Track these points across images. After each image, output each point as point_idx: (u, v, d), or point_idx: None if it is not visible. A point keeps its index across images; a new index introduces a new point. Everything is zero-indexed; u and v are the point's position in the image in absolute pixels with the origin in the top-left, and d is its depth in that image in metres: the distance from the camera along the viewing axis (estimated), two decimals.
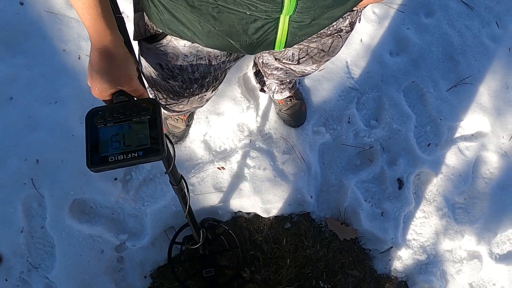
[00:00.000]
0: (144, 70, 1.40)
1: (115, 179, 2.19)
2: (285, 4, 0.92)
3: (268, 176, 2.23)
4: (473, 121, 2.51)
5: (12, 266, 2.02)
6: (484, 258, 2.36)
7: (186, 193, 1.50)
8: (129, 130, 0.93)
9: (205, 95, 1.57)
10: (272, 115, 2.31)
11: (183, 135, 2.23)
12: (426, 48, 2.61)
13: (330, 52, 1.44)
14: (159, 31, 1.16)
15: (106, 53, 0.99)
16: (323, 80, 2.40)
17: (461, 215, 2.40)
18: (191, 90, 1.41)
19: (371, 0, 1.15)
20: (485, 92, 2.60)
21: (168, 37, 1.16)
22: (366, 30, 2.59)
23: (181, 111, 1.69)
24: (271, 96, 2.19)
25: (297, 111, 2.27)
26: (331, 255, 2.30)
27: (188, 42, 1.16)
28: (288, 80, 2.02)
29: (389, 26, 2.61)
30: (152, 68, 1.32)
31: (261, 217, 2.26)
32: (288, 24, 1.02)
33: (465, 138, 2.49)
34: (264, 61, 1.84)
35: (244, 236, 2.26)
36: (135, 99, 1.05)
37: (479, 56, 2.66)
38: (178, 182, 1.43)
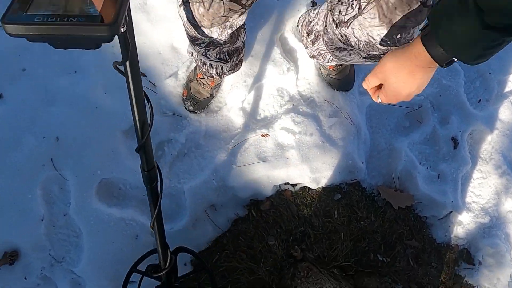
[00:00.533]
0: None
1: None
2: None
3: (316, 142, 1.62)
4: None
5: (32, 261, 1.34)
6: None
7: (159, 187, 0.92)
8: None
9: (230, 19, 0.98)
10: (313, 78, 1.69)
11: (203, 105, 1.55)
12: None
13: (404, 2, 0.83)
14: None
15: None
16: None
17: None
18: None
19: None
20: None
21: None
22: None
23: (200, 22, 1.00)
24: (323, 63, 1.54)
25: (347, 75, 1.60)
26: (387, 226, 1.69)
27: None
28: (348, 59, 1.23)
29: None
30: None
31: (308, 189, 1.64)
32: None
33: None
34: (325, 39, 1.20)
35: (291, 211, 1.66)
36: None
37: None
38: (150, 167, 0.86)
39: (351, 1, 0.94)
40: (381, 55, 1.06)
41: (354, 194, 1.64)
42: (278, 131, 1.55)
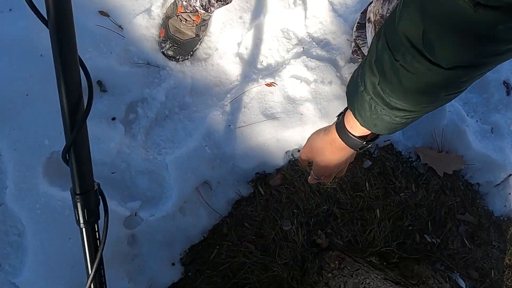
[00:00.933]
0: None
1: (113, 118, 1.16)
2: None
3: (336, 92, 1.24)
4: None
5: None
6: None
7: (102, 227, 0.54)
8: None
9: None
10: (326, 15, 1.30)
11: (187, 49, 1.13)
12: None
13: None
14: None
15: None
16: None
17: None
18: None
19: None
20: None
21: None
22: None
23: None
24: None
25: None
26: (433, 198, 1.31)
27: None
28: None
29: None
30: None
31: None
32: None
33: None
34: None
35: (310, 186, 1.27)
36: None
37: None
38: (87, 188, 0.51)
39: None
40: None
41: (387, 159, 1.26)
42: (287, 80, 1.17)
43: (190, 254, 1.12)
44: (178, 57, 1.12)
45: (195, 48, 1.15)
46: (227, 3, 1.06)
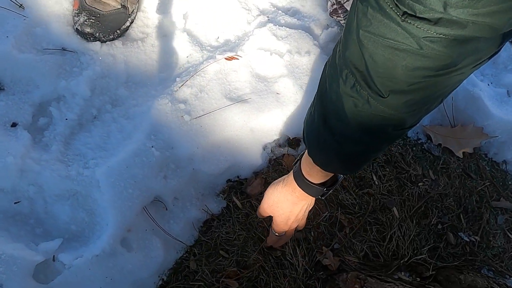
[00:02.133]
0: None
1: (14, 125, 0.80)
2: None
3: (316, 65, 0.89)
4: None
5: None
6: None
7: None
8: None
9: None
10: None
11: (112, 23, 0.80)
12: None
13: None
14: None
15: None
16: None
17: None
18: None
19: None
20: None
21: None
22: None
23: None
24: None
25: None
26: (458, 184, 0.99)
27: None
28: None
29: None
30: None
31: None
32: None
33: None
34: None
35: None
36: None
37: None
38: None
39: None
40: None
41: (393, 145, 0.95)
42: (253, 54, 0.86)
43: None
44: (98, 35, 0.79)
45: (123, 25, 0.82)
46: None
